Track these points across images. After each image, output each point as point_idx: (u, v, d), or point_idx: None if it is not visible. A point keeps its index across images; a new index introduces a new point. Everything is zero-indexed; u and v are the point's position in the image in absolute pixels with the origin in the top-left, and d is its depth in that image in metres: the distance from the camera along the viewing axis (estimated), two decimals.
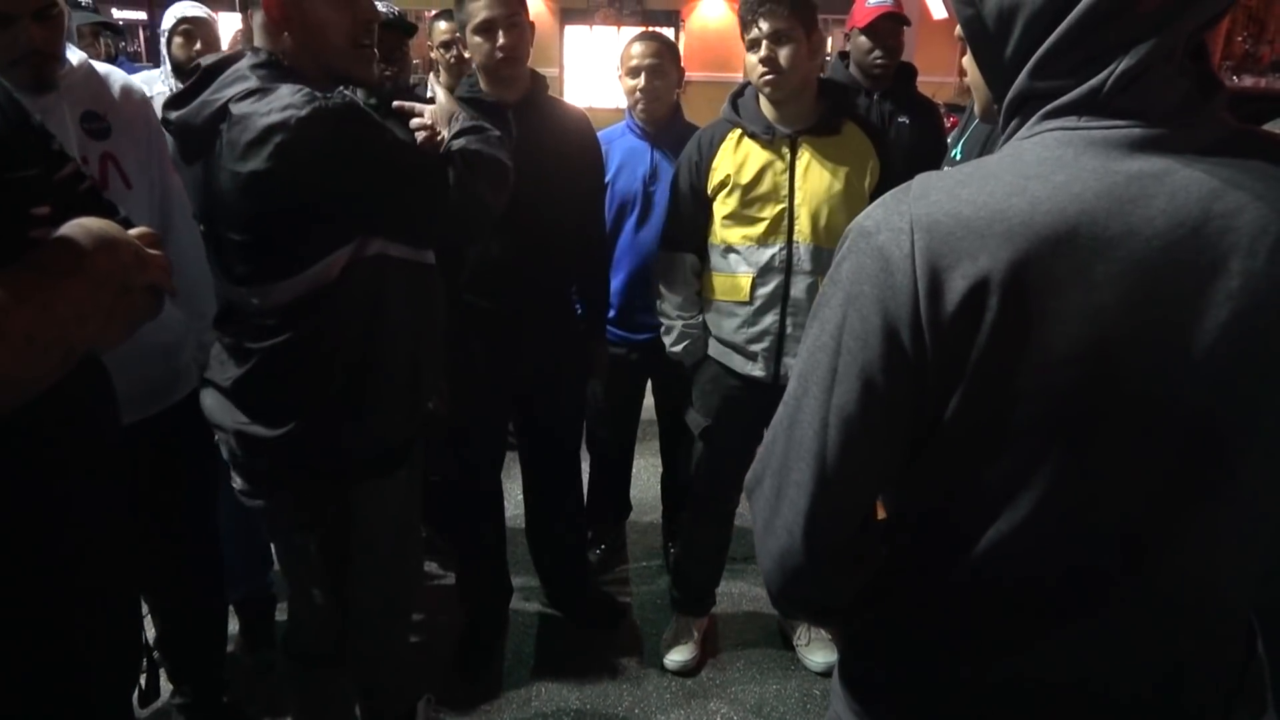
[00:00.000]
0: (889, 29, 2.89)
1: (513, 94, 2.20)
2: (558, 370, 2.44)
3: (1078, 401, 0.71)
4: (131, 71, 3.35)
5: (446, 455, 2.42)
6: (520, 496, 2.71)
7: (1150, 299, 0.69)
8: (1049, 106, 0.74)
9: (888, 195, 0.77)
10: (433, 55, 3.51)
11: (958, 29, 0.84)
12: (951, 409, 0.74)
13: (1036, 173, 0.70)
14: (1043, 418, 0.72)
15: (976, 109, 0.87)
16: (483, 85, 2.21)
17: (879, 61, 2.90)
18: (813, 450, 0.78)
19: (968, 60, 0.83)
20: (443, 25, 3.35)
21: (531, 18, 2.20)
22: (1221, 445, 0.71)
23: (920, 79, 3.11)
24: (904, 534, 0.87)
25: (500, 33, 2.10)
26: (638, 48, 2.59)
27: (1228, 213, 0.68)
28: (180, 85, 2.91)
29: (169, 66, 2.87)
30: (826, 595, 0.88)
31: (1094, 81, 0.70)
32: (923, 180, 0.76)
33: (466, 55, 2.22)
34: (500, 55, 2.11)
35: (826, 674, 2.53)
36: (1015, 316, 0.69)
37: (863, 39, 2.92)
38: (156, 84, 2.85)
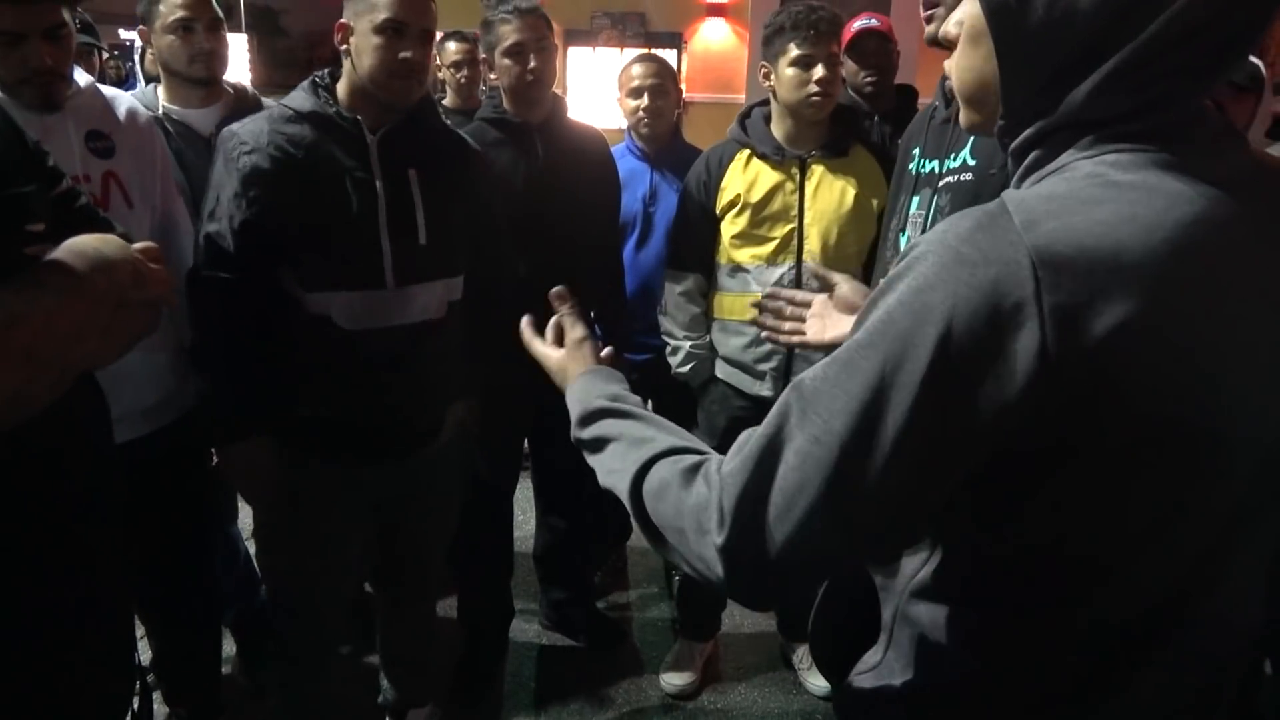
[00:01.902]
0: (873, 47, 2.89)
1: (537, 115, 2.23)
2: None
3: (1196, 438, 0.68)
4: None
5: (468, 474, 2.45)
6: (520, 519, 2.69)
7: (1246, 327, 0.68)
8: (1106, 131, 0.70)
9: (979, 219, 0.68)
10: (440, 75, 3.52)
11: (947, 29, 0.78)
12: (1064, 454, 0.69)
13: (1135, 198, 0.67)
14: (1163, 455, 0.68)
15: (968, 119, 0.81)
16: (507, 106, 2.23)
17: (869, 80, 2.89)
18: (872, 499, 0.69)
19: (966, 64, 0.77)
20: (452, 46, 3.36)
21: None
22: (1273, 479, 0.72)
23: (923, 101, 3.11)
24: (952, 586, 0.82)
25: (531, 56, 2.14)
26: (638, 69, 2.60)
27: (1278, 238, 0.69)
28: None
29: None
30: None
31: (1167, 114, 0.69)
32: (1020, 205, 0.68)
33: (493, 77, 2.24)
34: (530, 78, 2.15)
35: (828, 697, 2.50)
36: (1152, 352, 0.65)
37: (850, 61, 2.92)
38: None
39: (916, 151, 1.84)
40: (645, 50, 3.62)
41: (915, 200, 1.76)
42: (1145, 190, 0.67)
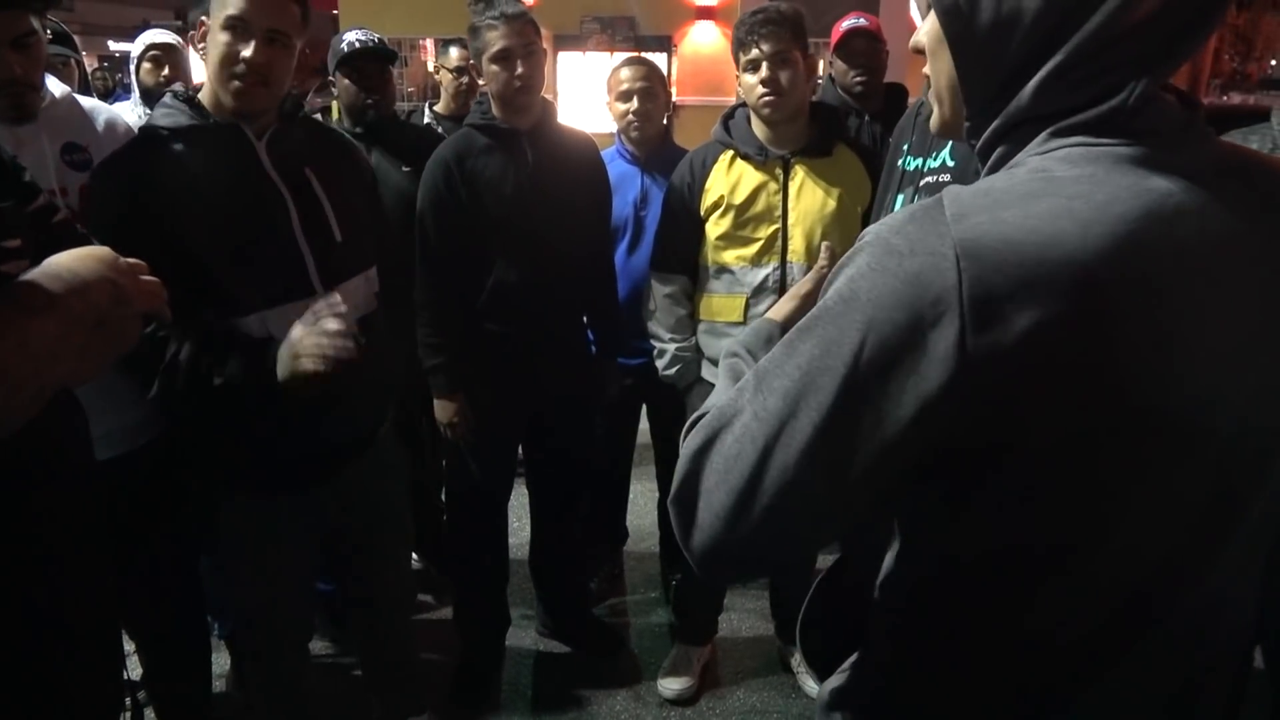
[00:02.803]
0: (861, 47, 2.91)
1: (526, 121, 2.22)
2: (570, 393, 2.43)
3: (1138, 431, 0.67)
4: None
5: (459, 478, 2.44)
6: (515, 525, 2.68)
7: (1199, 321, 0.66)
8: (1059, 125, 0.70)
9: (915, 210, 0.69)
10: (438, 79, 3.51)
11: (916, 38, 0.80)
12: (999, 452, 0.68)
13: (1075, 192, 0.66)
14: (1104, 450, 0.67)
15: (938, 122, 0.82)
16: (496, 112, 2.22)
17: (858, 80, 2.91)
18: (795, 483, 0.69)
19: (935, 69, 0.79)
20: (455, 53, 3.36)
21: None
22: (1251, 471, 0.71)
23: (912, 99, 3.11)
24: (920, 591, 0.81)
25: (518, 62, 2.12)
26: (626, 72, 2.60)
27: (1246, 230, 0.68)
28: (150, 111, 2.89)
29: (138, 94, 2.85)
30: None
31: (1114, 102, 0.68)
32: (955, 198, 0.68)
33: (481, 82, 2.23)
34: (518, 84, 2.14)
35: None
36: (1079, 348, 0.64)
37: (839, 61, 2.94)
38: (128, 113, 2.83)
39: (905, 148, 1.83)
40: (634, 54, 3.60)
41: (900, 198, 1.76)
42: (1089, 183, 0.66)
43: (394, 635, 2.16)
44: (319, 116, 2.65)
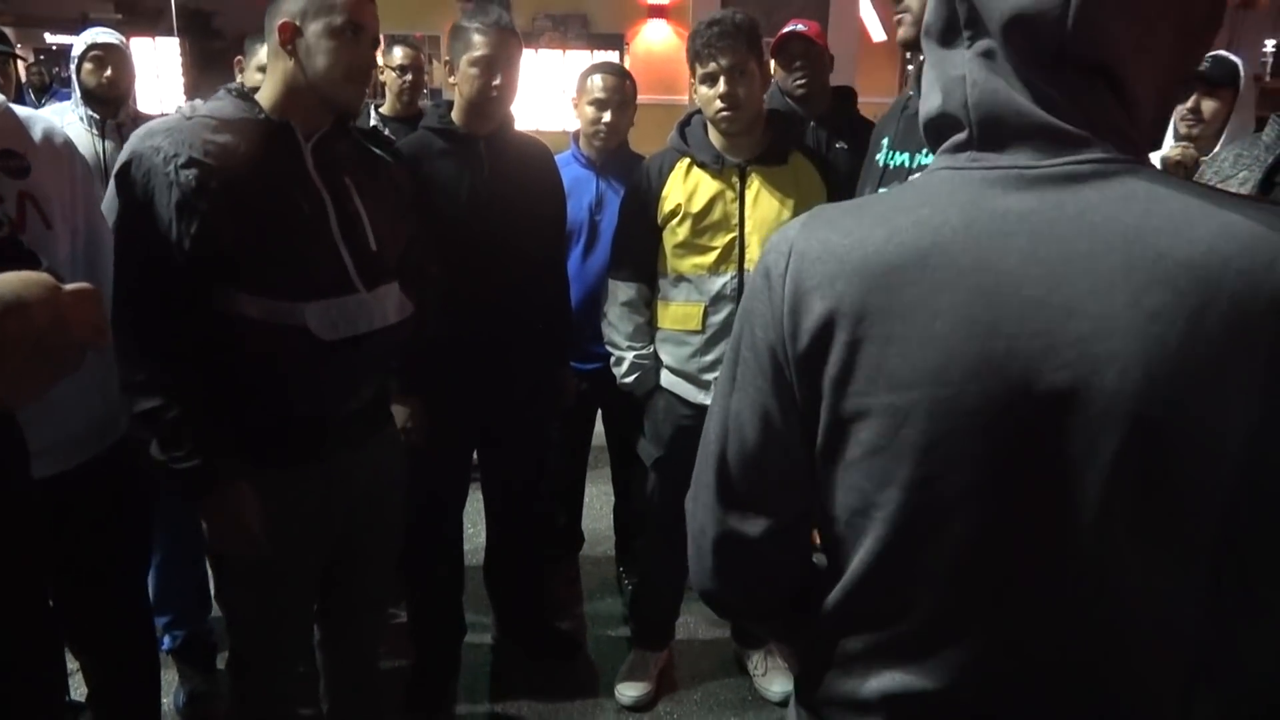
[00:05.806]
0: (798, 50, 2.90)
1: (486, 128, 2.20)
2: (524, 400, 2.41)
3: (918, 425, 0.73)
4: (64, 99, 3.23)
5: (413, 485, 2.39)
6: (470, 532, 2.66)
7: (994, 331, 0.70)
8: (946, 144, 0.77)
9: (793, 222, 0.83)
10: (381, 79, 3.47)
11: (908, 32, 0.91)
12: (819, 433, 0.79)
13: (907, 205, 0.75)
14: (888, 440, 0.74)
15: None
16: (456, 117, 2.20)
17: (799, 83, 2.91)
18: (714, 453, 0.87)
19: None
20: (399, 52, 3.35)
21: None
22: (1062, 476, 0.70)
23: (862, 100, 3.13)
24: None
25: (498, 72, 2.12)
26: (604, 80, 2.59)
27: (1089, 254, 0.68)
28: (91, 113, 2.80)
29: (79, 94, 2.77)
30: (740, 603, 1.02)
31: (998, 122, 0.73)
32: (818, 210, 0.82)
33: (451, 80, 2.21)
34: (493, 93, 2.14)
35: (784, 703, 2.51)
36: (861, 340, 0.74)
37: (778, 66, 2.94)
38: (68, 114, 2.74)
39: (885, 141, 1.82)
40: (611, 62, 3.56)
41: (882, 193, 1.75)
42: (922, 199, 0.75)
43: (360, 638, 2.11)
44: None
